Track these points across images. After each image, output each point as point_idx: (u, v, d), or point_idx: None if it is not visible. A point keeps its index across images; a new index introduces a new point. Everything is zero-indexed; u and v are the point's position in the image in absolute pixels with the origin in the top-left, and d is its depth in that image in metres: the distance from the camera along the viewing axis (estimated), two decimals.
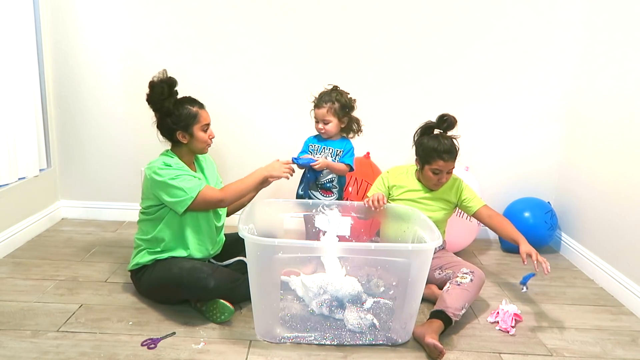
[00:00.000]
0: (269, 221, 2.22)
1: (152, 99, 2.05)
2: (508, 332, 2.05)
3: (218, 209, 2.19)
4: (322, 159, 2.33)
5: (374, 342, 1.90)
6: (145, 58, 2.92)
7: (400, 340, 1.91)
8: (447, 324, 1.95)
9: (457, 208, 2.39)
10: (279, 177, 2.14)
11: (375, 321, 1.92)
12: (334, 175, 2.40)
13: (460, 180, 2.36)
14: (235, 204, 2.23)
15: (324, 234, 2.19)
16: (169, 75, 2.05)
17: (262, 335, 1.91)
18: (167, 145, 2.15)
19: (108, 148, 3.05)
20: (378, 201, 2.16)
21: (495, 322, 2.11)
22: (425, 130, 2.26)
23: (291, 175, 2.17)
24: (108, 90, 2.97)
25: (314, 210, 2.25)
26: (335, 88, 2.35)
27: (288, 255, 1.85)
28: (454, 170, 2.27)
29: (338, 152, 2.37)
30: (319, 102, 2.33)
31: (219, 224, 2.22)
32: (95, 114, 3.01)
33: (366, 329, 1.91)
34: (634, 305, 2.28)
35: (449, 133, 2.23)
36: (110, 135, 3.03)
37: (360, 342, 1.89)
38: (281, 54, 2.92)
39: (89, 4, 2.85)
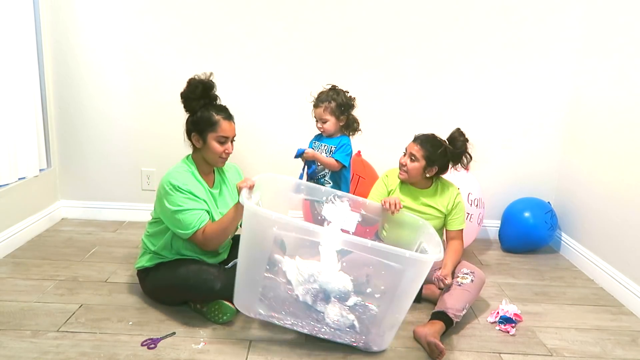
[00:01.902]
0: (276, 195, 2.15)
1: (184, 95, 2.01)
2: (508, 332, 2.05)
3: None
4: (311, 151, 2.38)
5: (347, 343, 1.85)
6: (145, 58, 2.92)
7: (375, 348, 1.85)
8: (448, 324, 1.95)
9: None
10: (247, 185, 1.91)
11: (356, 323, 1.85)
12: (327, 171, 2.42)
13: (459, 197, 2.29)
14: None
15: (328, 224, 2.15)
16: (210, 78, 2.00)
17: (239, 306, 1.89)
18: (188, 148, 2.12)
19: (108, 148, 3.05)
20: (395, 205, 2.11)
21: (495, 322, 2.11)
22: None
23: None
24: (108, 90, 2.97)
25: (324, 198, 2.20)
26: (333, 87, 2.39)
27: (282, 232, 1.78)
28: (420, 166, 2.19)
29: (332, 148, 2.41)
30: (317, 102, 2.38)
31: None
32: (95, 114, 3.00)
33: (344, 328, 1.85)
34: (634, 305, 2.28)
35: (456, 150, 2.18)
36: (110, 135, 3.03)
37: (337, 341, 1.85)
38: (283, 56, 2.92)
39: (88, 4, 2.85)
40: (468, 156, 2.22)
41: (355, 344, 1.86)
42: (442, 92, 2.96)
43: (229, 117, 2.04)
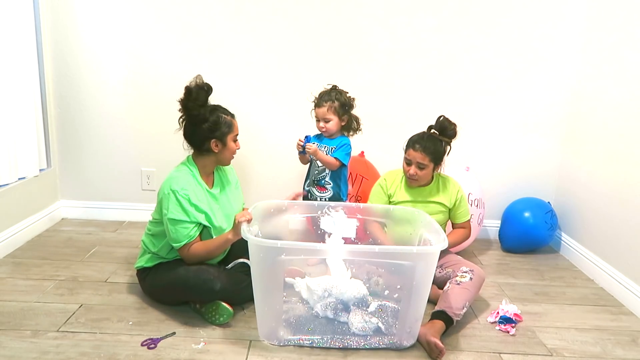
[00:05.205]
0: (274, 222, 2.18)
1: (187, 105, 1.97)
2: (508, 332, 2.05)
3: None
4: (314, 147, 2.37)
5: (379, 346, 1.87)
6: (145, 58, 2.92)
7: (406, 344, 1.88)
8: (449, 324, 1.95)
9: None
10: (246, 219, 1.89)
11: (380, 325, 1.89)
12: (328, 172, 2.42)
13: (461, 192, 2.33)
14: None
15: (329, 236, 2.16)
16: (204, 81, 1.99)
17: (265, 337, 1.90)
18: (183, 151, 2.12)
19: (108, 148, 3.05)
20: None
21: (495, 322, 2.11)
22: (427, 129, 2.27)
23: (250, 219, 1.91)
24: (108, 90, 2.97)
25: (319, 212, 2.21)
26: (334, 87, 2.40)
27: (292, 257, 1.83)
28: (430, 169, 2.22)
29: (332, 149, 2.41)
30: (319, 101, 2.38)
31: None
32: (95, 114, 3.00)
33: (371, 332, 1.88)
34: (634, 305, 2.28)
35: (450, 139, 2.21)
36: (110, 135, 3.03)
37: (366, 347, 1.87)
38: (282, 56, 2.92)
39: (88, 4, 2.85)
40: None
41: (383, 346, 1.87)
42: (443, 93, 2.96)
43: (234, 115, 2.09)
